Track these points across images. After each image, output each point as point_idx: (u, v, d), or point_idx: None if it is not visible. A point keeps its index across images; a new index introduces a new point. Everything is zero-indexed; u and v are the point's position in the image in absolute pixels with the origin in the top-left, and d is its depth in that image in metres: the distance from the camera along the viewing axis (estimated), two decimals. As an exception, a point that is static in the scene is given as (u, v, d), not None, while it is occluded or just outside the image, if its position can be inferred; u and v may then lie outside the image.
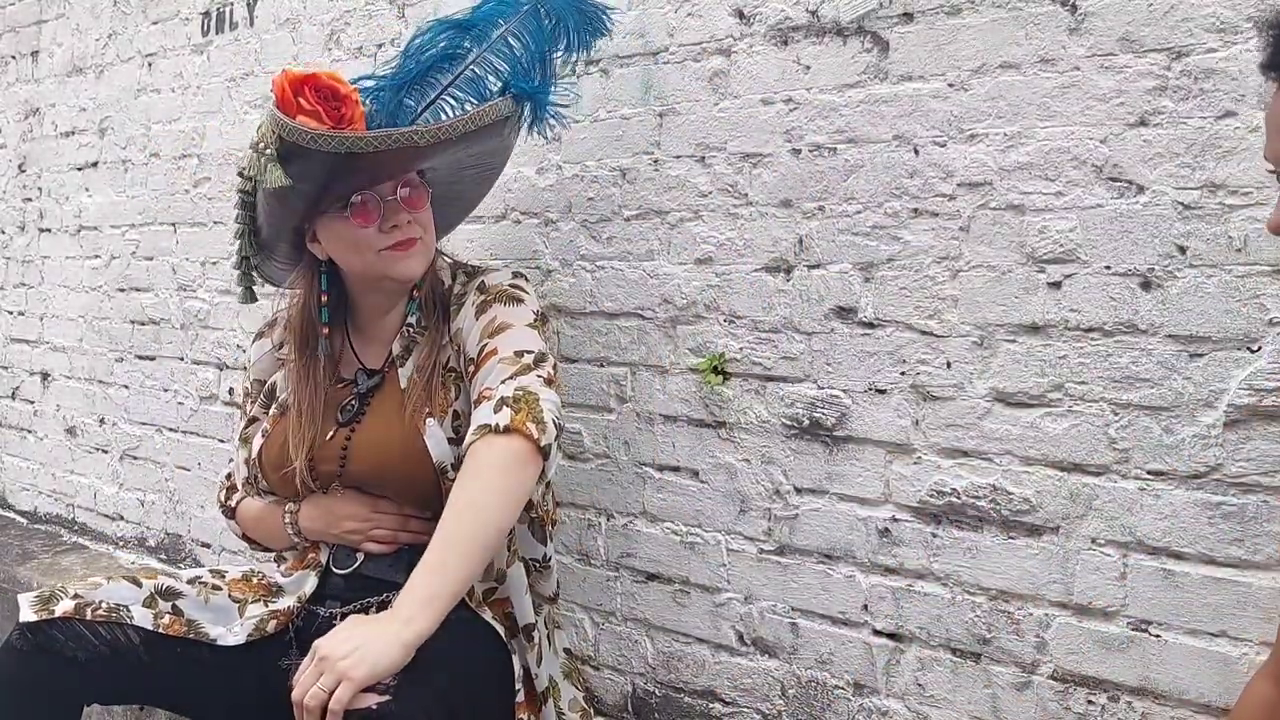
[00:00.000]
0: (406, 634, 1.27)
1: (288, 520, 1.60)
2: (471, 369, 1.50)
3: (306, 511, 1.59)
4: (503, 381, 1.43)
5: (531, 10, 1.56)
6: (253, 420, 1.70)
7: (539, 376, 1.44)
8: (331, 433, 1.56)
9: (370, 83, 1.52)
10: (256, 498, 1.67)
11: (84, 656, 1.41)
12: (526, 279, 1.62)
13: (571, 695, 1.62)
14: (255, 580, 1.60)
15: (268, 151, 1.43)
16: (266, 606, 1.55)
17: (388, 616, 1.30)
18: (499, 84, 1.54)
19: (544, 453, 1.39)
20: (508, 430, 1.37)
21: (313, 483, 1.56)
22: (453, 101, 1.53)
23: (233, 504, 1.74)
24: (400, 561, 1.52)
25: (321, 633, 1.50)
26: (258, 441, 1.64)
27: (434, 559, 1.33)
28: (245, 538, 1.74)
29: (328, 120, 1.41)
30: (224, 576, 1.60)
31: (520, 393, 1.41)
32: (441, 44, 1.53)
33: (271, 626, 1.52)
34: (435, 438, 1.49)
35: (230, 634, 1.51)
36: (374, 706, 1.22)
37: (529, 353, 1.47)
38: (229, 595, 1.57)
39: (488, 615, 1.50)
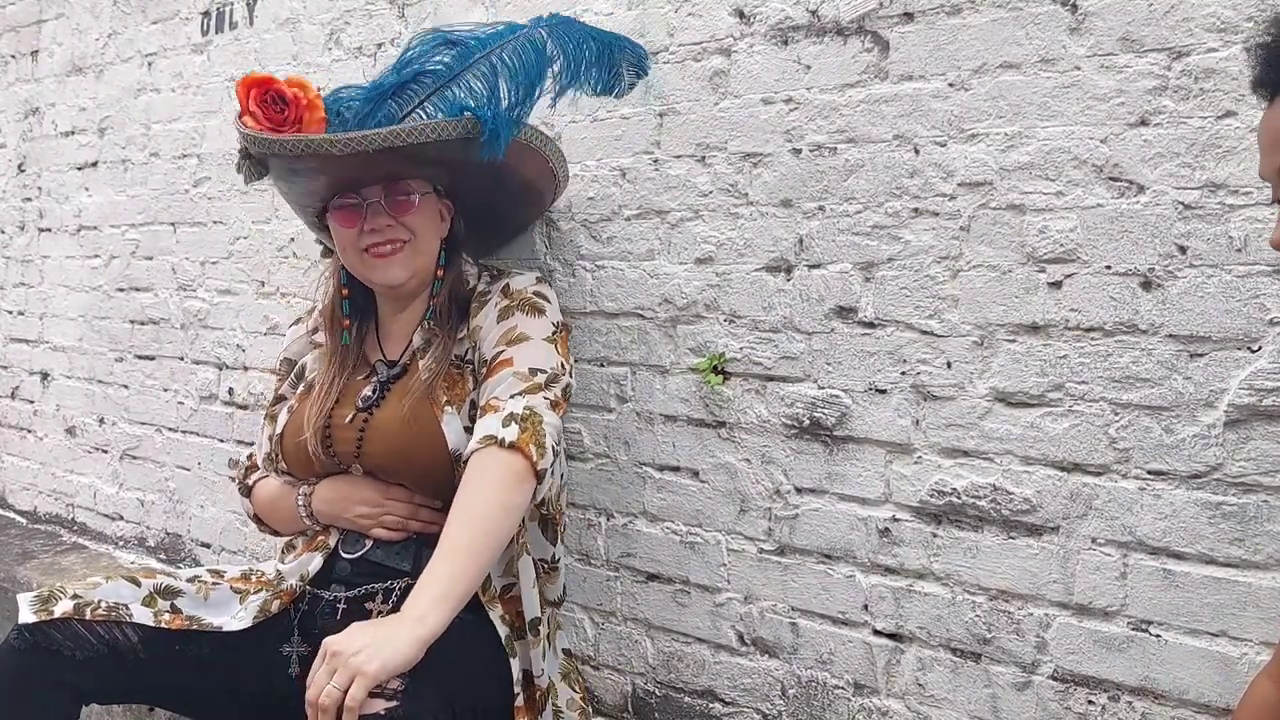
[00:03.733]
0: (420, 631, 1.27)
1: (301, 502, 1.61)
2: (484, 372, 1.52)
3: (320, 494, 1.60)
4: (512, 396, 1.46)
5: (534, 41, 1.54)
6: (280, 399, 1.74)
7: (546, 399, 1.47)
8: (350, 416, 1.58)
9: (366, 86, 1.55)
10: (275, 476, 1.69)
11: (82, 656, 1.41)
12: (550, 285, 1.65)
13: (569, 696, 1.62)
14: (254, 578, 1.61)
15: (238, 148, 1.53)
16: (269, 593, 1.55)
17: (399, 616, 1.31)
18: (473, 104, 1.52)
19: (539, 476, 1.42)
20: (512, 447, 1.40)
21: (324, 458, 1.58)
22: (423, 115, 1.53)
23: (250, 483, 1.75)
24: (408, 550, 1.54)
25: (325, 617, 1.51)
26: (283, 418, 1.67)
27: (445, 560, 1.34)
28: (256, 519, 1.74)
29: (264, 123, 1.45)
30: (223, 575, 1.61)
31: (528, 412, 1.43)
32: (427, 58, 1.54)
33: (275, 607, 1.53)
34: (452, 426, 1.51)
35: (234, 619, 1.51)
36: (382, 712, 1.22)
37: (542, 372, 1.49)
38: (230, 588, 1.57)
39: (497, 613, 1.50)
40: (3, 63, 3.29)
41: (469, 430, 1.51)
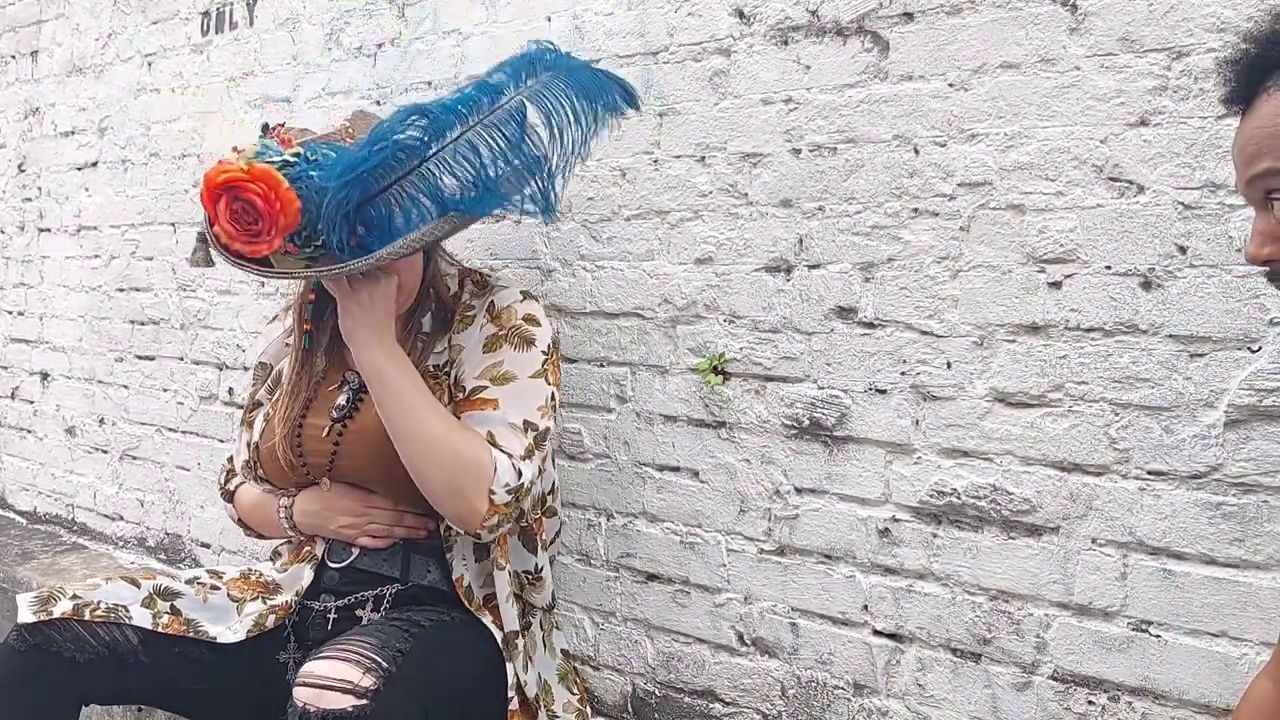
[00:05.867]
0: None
1: (283, 515, 1.60)
2: (460, 396, 1.50)
3: (301, 506, 1.59)
4: (523, 458, 1.46)
5: (513, 112, 1.42)
6: (257, 404, 1.71)
7: (539, 466, 1.48)
8: (326, 428, 1.56)
9: (326, 151, 1.44)
10: (254, 485, 1.67)
11: (82, 657, 1.41)
12: (537, 301, 1.60)
13: (566, 699, 1.62)
14: (253, 579, 1.60)
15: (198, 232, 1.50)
16: (265, 604, 1.55)
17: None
18: (454, 185, 1.42)
19: (476, 530, 1.44)
20: (491, 504, 1.41)
21: (295, 469, 1.56)
22: (404, 197, 1.41)
23: (231, 488, 1.74)
24: (395, 556, 1.53)
25: (317, 626, 1.51)
26: (259, 425, 1.64)
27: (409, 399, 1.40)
28: (241, 523, 1.74)
29: (237, 240, 1.39)
30: (221, 577, 1.61)
31: (523, 488, 1.45)
32: (401, 130, 1.41)
33: (270, 621, 1.53)
34: None
35: (230, 631, 1.52)
36: (349, 709, 1.22)
37: (534, 428, 1.48)
38: (227, 594, 1.57)
39: (488, 620, 1.50)
40: (3, 63, 3.29)
41: None
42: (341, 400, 1.58)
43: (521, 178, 1.43)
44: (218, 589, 1.57)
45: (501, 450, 1.44)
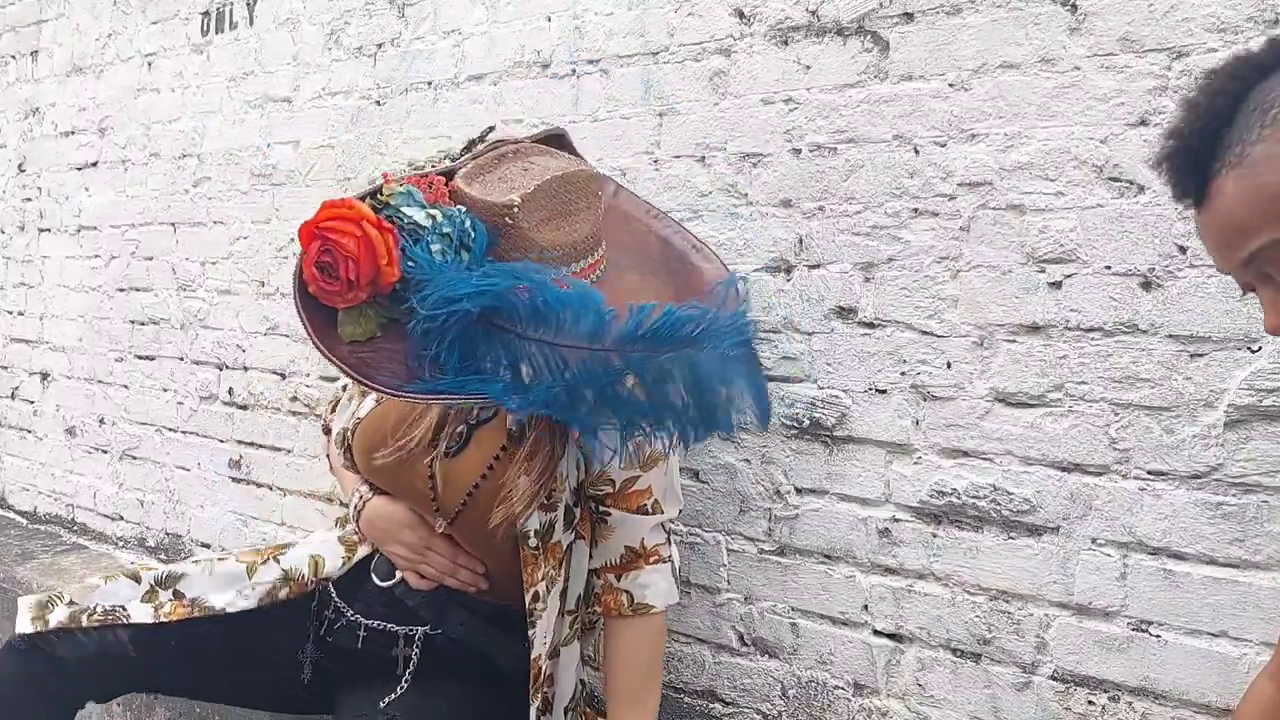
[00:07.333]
0: None
1: (354, 506, 1.52)
2: (608, 491, 1.41)
3: (371, 512, 1.50)
4: (671, 544, 1.46)
5: (610, 367, 1.20)
6: None
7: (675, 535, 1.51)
8: (431, 459, 1.41)
9: (468, 228, 1.25)
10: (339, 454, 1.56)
11: (75, 661, 1.41)
12: None
13: None
14: (264, 549, 1.57)
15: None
16: (278, 564, 1.51)
17: None
18: (530, 375, 1.21)
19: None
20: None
21: (411, 494, 1.45)
22: (492, 342, 1.21)
23: (331, 427, 1.65)
24: (435, 601, 1.47)
25: (342, 636, 1.48)
26: (368, 404, 1.49)
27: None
28: (328, 458, 1.67)
29: (314, 283, 1.23)
30: (231, 552, 1.57)
31: (680, 564, 1.49)
32: (511, 290, 1.20)
33: (284, 594, 1.49)
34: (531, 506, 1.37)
35: (241, 598, 1.48)
36: None
37: (672, 520, 1.47)
38: (235, 559, 1.53)
39: (536, 704, 1.44)
40: (3, 63, 3.29)
41: (543, 506, 1.37)
42: (459, 431, 1.41)
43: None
44: (226, 559, 1.54)
45: (660, 560, 1.43)
